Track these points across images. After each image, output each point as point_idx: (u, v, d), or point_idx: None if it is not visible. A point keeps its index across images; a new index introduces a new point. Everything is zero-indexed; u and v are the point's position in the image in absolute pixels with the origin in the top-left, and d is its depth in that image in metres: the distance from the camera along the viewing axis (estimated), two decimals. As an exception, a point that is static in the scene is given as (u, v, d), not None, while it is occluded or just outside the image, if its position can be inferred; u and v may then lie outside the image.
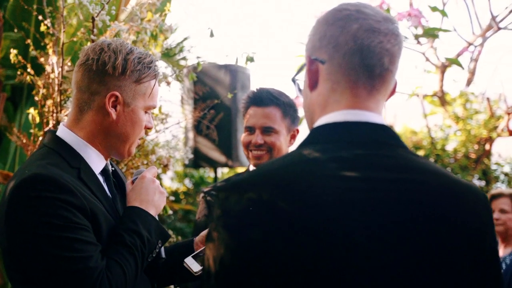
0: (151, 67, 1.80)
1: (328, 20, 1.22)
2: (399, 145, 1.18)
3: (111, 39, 1.92)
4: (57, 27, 2.96)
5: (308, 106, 1.27)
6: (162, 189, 1.85)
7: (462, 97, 6.48)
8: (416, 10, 5.21)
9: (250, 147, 2.64)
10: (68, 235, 1.52)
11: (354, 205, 1.05)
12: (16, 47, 3.14)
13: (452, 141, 6.61)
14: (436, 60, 6.24)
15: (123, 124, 1.77)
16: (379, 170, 1.10)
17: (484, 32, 5.97)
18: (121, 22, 2.86)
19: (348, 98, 1.19)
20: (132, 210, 1.76)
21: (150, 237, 1.71)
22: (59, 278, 1.52)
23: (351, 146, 1.13)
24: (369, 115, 1.18)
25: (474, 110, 6.48)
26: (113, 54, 1.74)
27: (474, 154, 6.31)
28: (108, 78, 1.74)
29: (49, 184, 1.55)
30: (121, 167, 3.01)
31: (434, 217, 1.09)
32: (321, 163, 1.10)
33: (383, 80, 1.20)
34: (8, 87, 4.32)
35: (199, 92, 4.23)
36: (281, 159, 1.14)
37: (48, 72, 2.90)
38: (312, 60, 1.23)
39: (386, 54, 1.18)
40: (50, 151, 1.73)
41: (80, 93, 1.77)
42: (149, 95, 1.80)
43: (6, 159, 4.33)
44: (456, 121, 6.45)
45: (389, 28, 1.19)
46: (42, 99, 2.90)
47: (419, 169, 1.14)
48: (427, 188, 1.11)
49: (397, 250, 1.05)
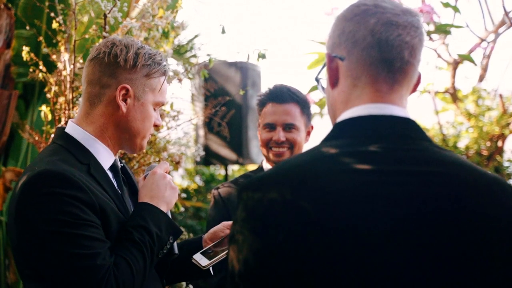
0: (161, 64, 1.82)
1: (346, 16, 1.22)
2: (423, 138, 1.16)
3: (122, 36, 1.93)
4: (69, 24, 2.96)
5: (331, 104, 1.27)
6: (173, 184, 1.85)
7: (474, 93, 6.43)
8: (428, 6, 5.18)
9: (270, 145, 2.60)
10: (76, 231, 1.53)
11: (378, 200, 1.04)
12: (28, 45, 3.16)
13: (464, 138, 6.57)
14: (448, 57, 6.20)
15: (133, 118, 1.78)
16: (403, 164, 1.09)
17: (496, 28, 5.92)
18: (133, 19, 2.86)
19: (369, 93, 1.18)
20: (142, 206, 1.76)
21: (159, 233, 1.71)
22: (66, 275, 1.52)
23: (375, 140, 1.13)
24: (393, 109, 1.17)
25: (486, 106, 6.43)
26: (124, 47, 1.76)
27: (487, 151, 6.26)
28: (119, 71, 1.75)
29: (58, 180, 1.56)
30: (133, 164, 3.02)
31: (460, 210, 1.07)
32: (343, 158, 1.09)
33: (405, 73, 1.19)
34: (20, 85, 4.33)
35: (210, 89, 4.22)
36: (302, 156, 1.13)
37: (60, 70, 2.90)
38: (332, 58, 1.23)
39: (405, 47, 1.17)
40: (59, 147, 1.74)
41: (90, 87, 1.78)
42: (158, 90, 1.81)
43: (18, 157, 4.35)
44: (468, 118, 6.41)
45: (409, 21, 1.18)
46: (54, 97, 2.91)
47: (444, 162, 1.13)
48: (452, 180, 1.10)
49: (422, 244, 1.03)
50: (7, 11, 3.84)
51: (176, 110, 3.21)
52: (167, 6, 3.30)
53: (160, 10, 2.99)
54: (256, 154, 4.88)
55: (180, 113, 3.24)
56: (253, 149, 4.90)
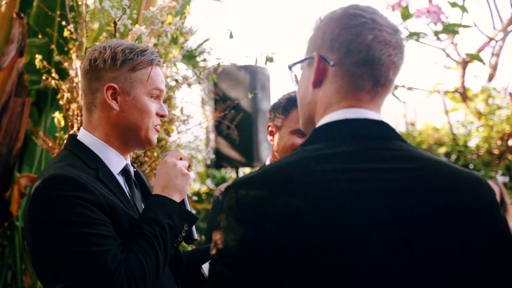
0: (145, 55, 1.82)
1: (341, 24, 1.25)
2: (398, 138, 1.23)
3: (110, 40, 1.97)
4: (80, 32, 3.01)
5: (309, 103, 1.31)
6: (185, 171, 1.84)
7: (484, 92, 6.42)
8: (435, 6, 5.18)
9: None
10: (86, 230, 1.57)
11: (356, 196, 1.09)
12: (41, 53, 3.21)
13: (474, 137, 6.56)
14: (457, 56, 6.20)
15: (129, 114, 1.80)
16: (380, 161, 1.15)
17: (505, 26, 5.91)
18: (142, 25, 2.91)
19: (350, 100, 1.24)
20: (152, 199, 1.77)
21: (172, 222, 1.71)
22: (79, 272, 1.56)
23: (351, 141, 1.18)
24: (368, 113, 1.23)
25: (496, 105, 6.42)
26: (103, 49, 1.81)
27: (497, 150, 6.25)
28: (102, 73, 1.80)
29: (66, 183, 1.60)
30: (145, 168, 3.06)
31: (438, 204, 1.12)
32: (323, 158, 1.15)
33: (386, 88, 1.27)
34: (33, 92, 4.40)
35: (219, 93, 4.26)
36: (287, 158, 1.19)
37: (72, 76, 2.95)
38: (321, 59, 1.26)
39: (392, 67, 1.24)
40: (69, 153, 1.79)
41: (85, 96, 1.84)
42: (147, 80, 1.81)
43: (33, 163, 4.41)
44: (478, 117, 6.40)
45: (398, 41, 1.25)
46: (66, 103, 2.96)
47: (420, 158, 1.19)
48: (429, 175, 1.15)
49: (404, 237, 1.08)
50: (20, 20, 3.91)
51: (186, 114, 3.25)
52: (176, 12, 3.35)
53: (169, 16, 3.04)
54: (266, 156, 4.91)
55: (190, 117, 3.27)
56: (263, 152, 4.93)
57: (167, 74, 2.95)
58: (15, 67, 3.92)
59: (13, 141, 3.94)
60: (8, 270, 4.30)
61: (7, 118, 3.91)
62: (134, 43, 1.87)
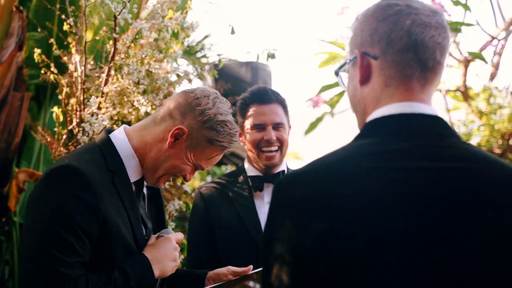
0: (226, 141, 1.84)
1: (377, 16, 1.24)
2: (452, 135, 1.19)
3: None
4: (79, 26, 2.99)
5: (359, 101, 1.29)
6: (178, 259, 1.86)
7: (485, 91, 6.40)
8: (438, 4, 5.16)
9: (261, 145, 2.59)
10: (65, 235, 1.57)
11: (406, 198, 1.07)
12: (40, 47, 3.18)
13: (475, 136, 6.53)
14: (459, 55, 6.17)
15: (169, 156, 1.82)
16: (435, 160, 1.12)
17: (507, 25, 5.88)
18: (143, 20, 2.88)
19: (402, 92, 1.21)
20: (142, 258, 1.76)
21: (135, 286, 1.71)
22: (34, 266, 1.58)
23: (407, 137, 1.15)
24: (423, 107, 1.20)
25: (498, 104, 6.39)
26: (211, 104, 1.83)
27: (499, 149, 6.22)
28: (189, 115, 1.82)
29: (75, 178, 1.61)
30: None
31: (491, 206, 1.09)
32: (373, 156, 1.12)
33: (435, 73, 1.23)
34: (32, 87, 4.37)
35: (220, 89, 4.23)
36: (335, 154, 1.17)
37: (71, 71, 2.93)
38: (363, 55, 1.25)
39: (438, 48, 1.21)
40: (96, 148, 1.80)
41: (164, 109, 1.86)
42: (206, 158, 1.86)
43: (31, 158, 4.39)
44: (480, 116, 6.37)
45: (439, 22, 1.22)
46: (65, 98, 2.94)
47: (473, 158, 1.15)
48: (483, 176, 1.12)
49: (451, 241, 1.05)
50: (19, 13, 3.88)
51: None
52: (177, 7, 3.32)
53: (170, 11, 3.01)
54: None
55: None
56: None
57: (167, 69, 2.92)
58: (14, 61, 3.89)
59: (11, 136, 3.91)
60: (5, 265, 4.28)
61: (6, 113, 3.88)
62: (233, 120, 1.89)
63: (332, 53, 4.95)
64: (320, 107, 5.62)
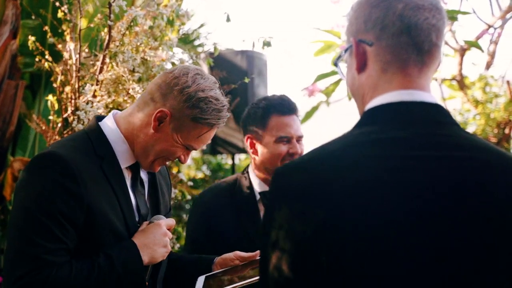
0: (214, 116, 1.79)
1: (370, 4, 1.23)
2: (452, 123, 1.19)
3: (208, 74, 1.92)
4: (74, 13, 2.96)
5: (358, 89, 1.28)
6: (168, 245, 1.83)
7: (481, 80, 6.39)
8: (434, -8, 5.13)
9: (285, 158, 2.48)
10: (46, 221, 1.58)
11: (404, 186, 1.06)
12: (34, 35, 3.15)
13: (471, 125, 6.54)
14: (455, 43, 6.16)
15: (156, 140, 1.80)
16: (435, 149, 1.11)
17: (504, 14, 5.87)
18: (138, 7, 2.86)
19: (399, 78, 1.20)
20: (129, 244, 1.75)
21: (122, 274, 1.69)
22: (15, 253, 1.59)
23: (407, 126, 1.15)
24: (423, 95, 1.20)
25: (493, 93, 6.39)
26: (191, 81, 1.77)
27: (494, 138, 6.24)
28: (170, 96, 1.77)
29: (56, 165, 1.62)
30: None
31: (489, 195, 1.09)
32: (372, 144, 1.12)
33: (432, 55, 1.22)
34: (27, 75, 4.35)
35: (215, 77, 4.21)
36: (335, 143, 1.16)
37: (66, 59, 2.91)
38: (359, 43, 1.24)
39: (433, 30, 1.20)
40: (84, 134, 1.80)
41: (146, 95, 1.83)
42: (195, 137, 1.81)
43: (26, 146, 4.38)
44: (475, 105, 6.38)
45: (433, 3, 1.20)
46: (60, 86, 2.92)
47: (473, 146, 1.15)
48: (481, 165, 1.12)
49: (449, 229, 1.05)
50: (13, 1, 3.85)
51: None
52: (172, -5, 3.29)
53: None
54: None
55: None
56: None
57: (162, 57, 2.90)
58: (8, 49, 3.87)
59: (6, 124, 3.90)
60: (1, 254, 4.28)
61: (0, 101, 3.87)
62: (220, 94, 1.84)
63: (328, 42, 4.93)
64: (315, 96, 5.60)
